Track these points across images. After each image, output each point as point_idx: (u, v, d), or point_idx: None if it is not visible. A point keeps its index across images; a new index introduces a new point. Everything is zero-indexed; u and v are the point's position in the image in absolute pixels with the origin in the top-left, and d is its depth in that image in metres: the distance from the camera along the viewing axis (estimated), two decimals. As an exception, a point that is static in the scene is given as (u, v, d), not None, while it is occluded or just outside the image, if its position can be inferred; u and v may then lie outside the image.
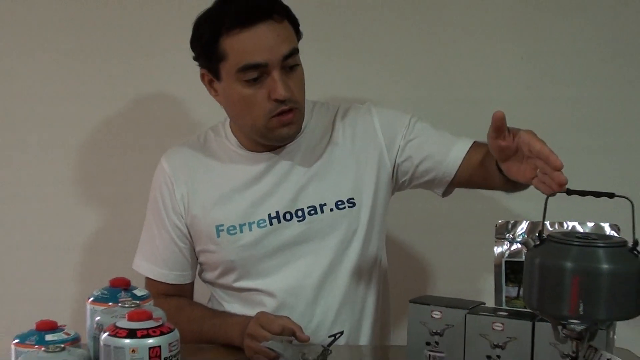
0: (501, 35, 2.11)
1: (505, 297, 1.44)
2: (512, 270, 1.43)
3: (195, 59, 1.65)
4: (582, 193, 1.14)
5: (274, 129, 1.61)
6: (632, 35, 2.10)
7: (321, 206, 1.67)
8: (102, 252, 2.15)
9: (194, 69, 1.67)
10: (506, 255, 1.44)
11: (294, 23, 1.62)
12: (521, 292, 1.40)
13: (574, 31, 2.10)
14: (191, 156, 1.73)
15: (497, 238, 1.45)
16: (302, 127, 1.69)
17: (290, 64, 1.59)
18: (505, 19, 2.10)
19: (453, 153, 1.66)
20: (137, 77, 2.14)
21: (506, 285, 1.44)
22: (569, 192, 1.15)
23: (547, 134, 1.27)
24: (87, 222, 2.17)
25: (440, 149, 1.67)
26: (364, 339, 1.72)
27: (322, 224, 1.66)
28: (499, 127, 1.28)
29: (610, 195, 1.13)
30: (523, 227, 1.44)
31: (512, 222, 1.46)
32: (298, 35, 1.63)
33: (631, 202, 1.09)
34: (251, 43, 1.55)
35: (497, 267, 1.44)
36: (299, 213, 1.66)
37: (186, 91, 2.10)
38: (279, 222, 1.66)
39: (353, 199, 1.68)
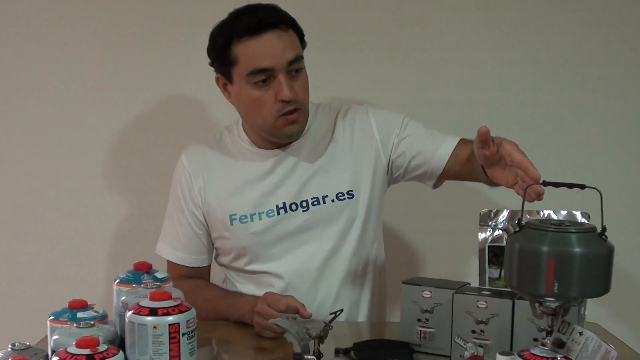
0: (480, 49, 2.11)
1: (488, 278, 1.43)
2: (494, 253, 1.43)
3: (210, 64, 1.65)
4: (557, 184, 1.14)
5: (280, 127, 1.61)
6: (591, 49, 2.11)
7: (323, 197, 1.66)
8: (127, 239, 2.15)
9: (210, 74, 1.67)
10: (489, 240, 1.44)
11: (299, 33, 1.62)
12: (502, 274, 1.39)
13: (541, 45, 2.11)
14: (207, 153, 1.72)
15: (481, 225, 1.45)
16: (307, 127, 1.68)
17: (295, 68, 1.58)
18: (483, 36, 2.11)
19: (441, 150, 1.65)
20: (159, 84, 2.12)
21: (489, 267, 1.43)
22: (545, 183, 1.16)
23: (521, 131, 1.26)
24: (113, 213, 2.16)
25: (430, 146, 1.66)
26: (362, 316, 1.72)
27: (324, 214, 1.66)
28: (484, 140, 1.28)
29: (582, 187, 1.13)
30: (504, 215, 1.44)
31: (494, 210, 1.45)
32: (303, 43, 1.63)
33: (600, 192, 1.09)
34: (259, 49, 1.55)
35: (481, 251, 1.44)
36: (304, 204, 1.66)
37: (203, 94, 2.09)
38: (286, 212, 1.66)
39: (352, 191, 1.67)
